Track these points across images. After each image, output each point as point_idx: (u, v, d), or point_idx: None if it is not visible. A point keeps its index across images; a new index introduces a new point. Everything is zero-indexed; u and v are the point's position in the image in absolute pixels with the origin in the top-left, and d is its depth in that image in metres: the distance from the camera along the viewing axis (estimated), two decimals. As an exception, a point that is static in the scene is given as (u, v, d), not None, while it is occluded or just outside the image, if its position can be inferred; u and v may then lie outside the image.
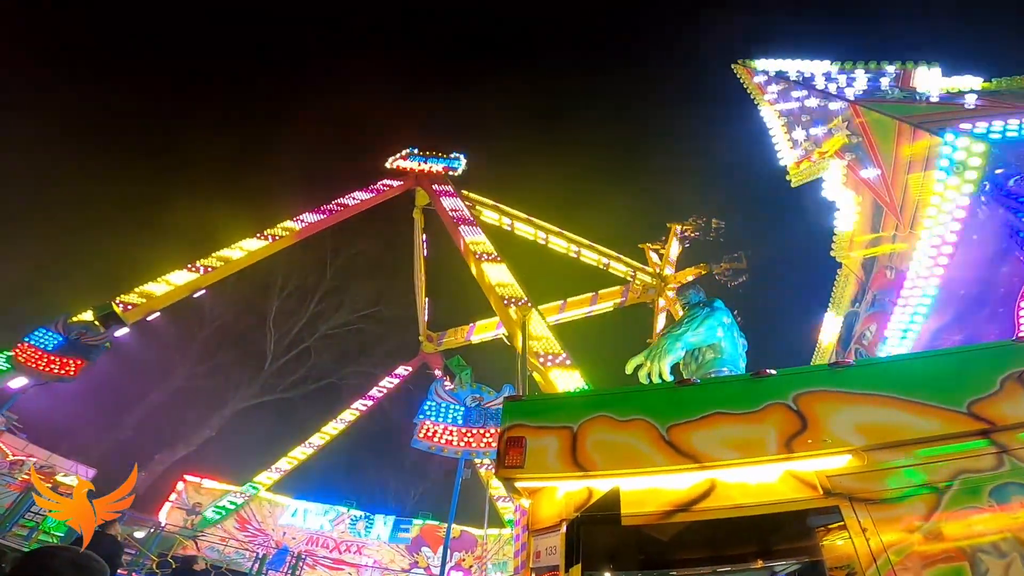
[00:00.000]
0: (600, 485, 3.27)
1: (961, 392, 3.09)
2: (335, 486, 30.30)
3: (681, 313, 5.74)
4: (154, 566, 12.94)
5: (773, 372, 3.57)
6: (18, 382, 14.63)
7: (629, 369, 5.14)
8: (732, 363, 5.13)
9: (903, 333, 9.43)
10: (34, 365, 13.22)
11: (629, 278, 30.60)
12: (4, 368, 15.72)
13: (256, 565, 13.11)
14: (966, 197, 7.80)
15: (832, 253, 13.75)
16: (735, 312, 6.04)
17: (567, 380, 17.21)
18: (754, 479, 3.19)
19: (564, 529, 3.15)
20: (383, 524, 26.97)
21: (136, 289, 20.27)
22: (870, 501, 2.88)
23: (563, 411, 3.64)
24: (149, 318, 20.24)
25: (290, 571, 15.37)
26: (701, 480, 3.22)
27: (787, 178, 12.76)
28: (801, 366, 3.72)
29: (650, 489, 3.23)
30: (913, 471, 2.94)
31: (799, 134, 12.70)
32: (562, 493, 3.37)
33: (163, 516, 25.40)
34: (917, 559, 2.63)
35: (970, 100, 9.92)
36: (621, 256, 31.12)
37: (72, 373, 13.35)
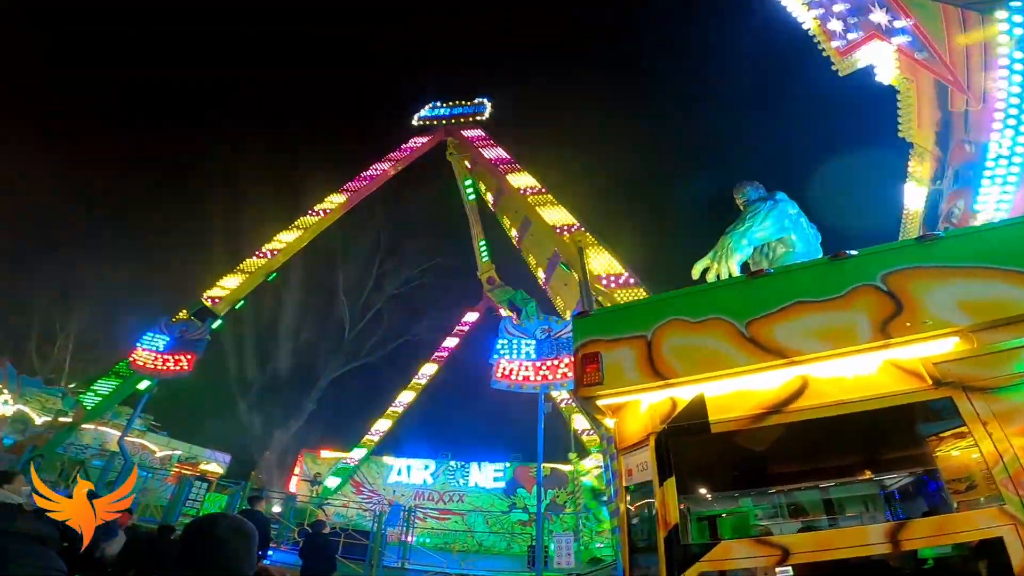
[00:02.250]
0: (683, 393, 3.15)
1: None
2: (430, 440, 32.72)
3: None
4: (295, 535, 14.62)
5: (854, 252, 3.20)
6: (143, 384, 16.64)
7: (695, 273, 4.88)
8: (807, 255, 4.72)
9: (996, 205, 8.61)
10: (152, 367, 14.79)
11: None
12: (127, 375, 17.85)
13: (375, 524, 14.56)
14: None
15: (900, 134, 12.64)
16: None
17: (634, 299, 16.99)
18: (850, 372, 2.91)
19: (653, 443, 3.11)
20: (478, 471, 28.85)
21: (217, 283, 21.98)
22: (986, 389, 2.54)
23: (634, 320, 3.49)
24: (236, 307, 22.01)
25: (404, 525, 17.00)
26: (791, 378, 2.98)
27: (833, 68, 11.75)
28: (884, 244, 3.29)
29: (737, 392, 3.06)
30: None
31: (836, 25, 11.57)
32: (646, 406, 3.29)
33: (292, 488, 28.83)
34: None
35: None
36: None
37: (187, 368, 14.80)
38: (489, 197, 29.11)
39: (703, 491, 3.89)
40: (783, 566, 2.51)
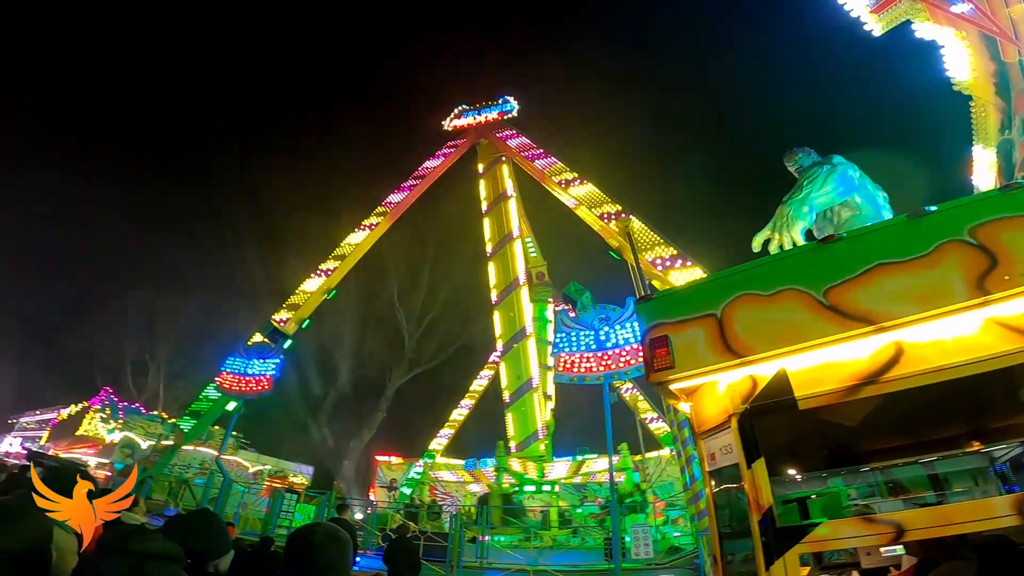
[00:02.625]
0: (763, 370, 3.00)
1: None
2: (493, 440, 33.13)
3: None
4: (379, 541, 15.27)
5: (933, 208, 2.95)
6: (230, 405, 17.97)
7: (756, 245, 4.65)
8: (876, 217, 4.38)
9: None
10: (236, 388, 15.90)
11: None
12: (216, 398, 19.33)
13: (452, 525, 14.89)
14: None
15: (956, 87, 11.83)
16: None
17: (689, 279, 16.47)
18: (949, 334, 2.69)
19: (735, 424, 2.99)
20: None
21: (283, 305, 23.33)
22: None
23: (700, 298, 3.36)
24: (303, 326, 23.27)
25: (479, 525, 17.29)
26: (883, 345, 2.78)
27: (866, 28, 11.19)
28: (964, 197, 3.00)
29: (823, 365, 2.88)
30: None
31: None
32: (723, 387, 3.17)
33: (372, 496, 30.10)
34: None
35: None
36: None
37: (267, 387, 15.80)
38: (483, 206, 29.32)
39: (791, 472, 3.72)
40: (896, 544, 2.36)
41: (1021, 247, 2.58)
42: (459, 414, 33.79)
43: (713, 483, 3.33)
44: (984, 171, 13.21)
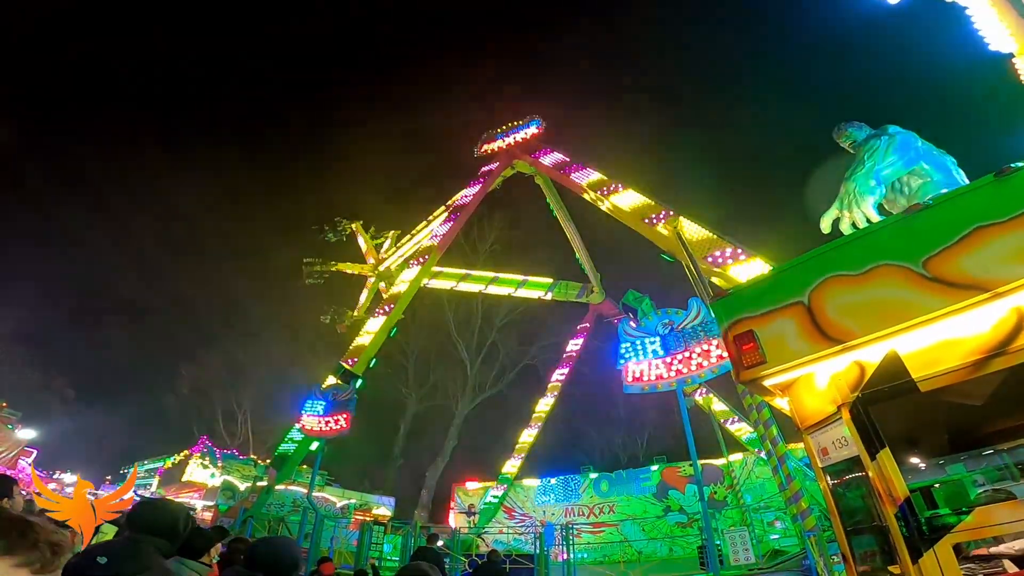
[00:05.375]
0: (868, 355, 2.84)
1: None
2: (568, 457, 32.62)
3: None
4: (466, 566, 15.37)
5: (1021, 164, 2.78)
6: (313, 446, 18.85)
7: (825, 227, 4.48)
8: (950, 183, 4.12)
9: None
10: (317, 429, 16.68)
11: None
12: (300, 439, 20.30)
13: (535, 545, 14.74)
14: None
15: (992, 47, 11.03)
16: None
17: (750, 272, 15.79)
18: None
19: (848, 415, 2.83)
20: (624, 479, 28.03)
21: (351, 346, 24.34)
22: None
23: (782, 287, 3.23)
24: (371, 365, 24.14)
25: (564, 543, 17.02)
26: (1005, 313, 2.58)
27: None
28: None
29: (939, 343, 2.69)
30: None
31: None
32: (825, 377, 3.02)
33: (451, 522, 30.37)
34: None
35: None
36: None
37: (345, 426, 16.47)
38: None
39: (912, 460, 3.48)
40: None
41: None
42: (529, 435, 33.64)
43: (829, 479, 3.15)
44: None
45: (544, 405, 33.77)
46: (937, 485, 3.44)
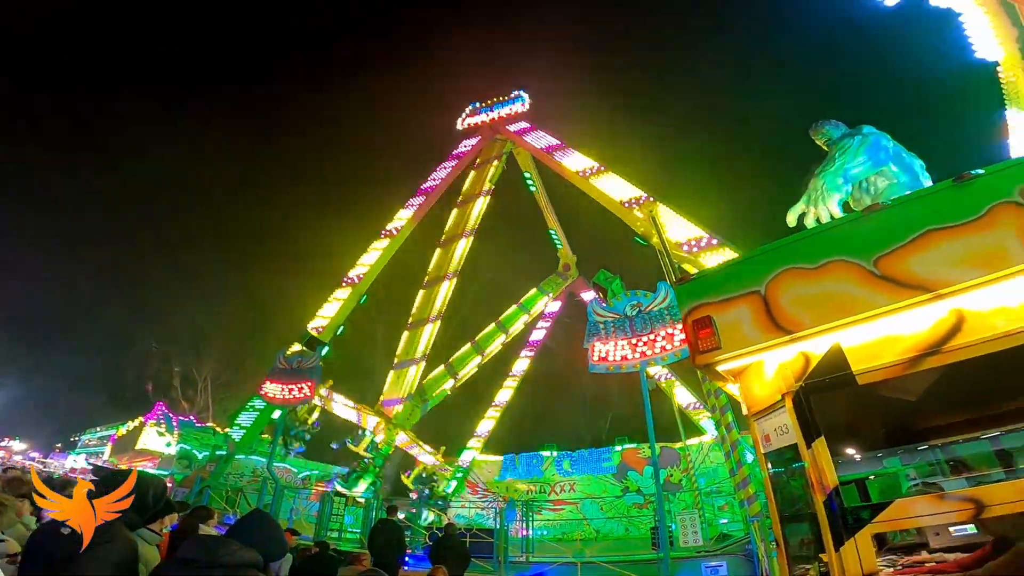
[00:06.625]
0: (815, 346, 2.91)
1: None
2: (533, 435, 33.07)
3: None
4: (426, 539, 15.56)
5: (980, 171, 2.87)
6: (276, 414, 18.59)
7: (791, 220, 4.57)
8: (915, 185, 4.25)
9: None
10: (280, 397, 16.30)
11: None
12: (261, 408, 20.00)
13: (497, 521, 15.00)
14: None
15: (978, 54, 11.35)
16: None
17: (720, 260, 16.09)
18: (1013, 299, 2.60)
19: (790, 403, 2.90)
20: (585, 459, 28.65)
21: (317, 313, 23.91)
22: None
23: (742, 276, 3.29)
24: (338, 333, 23.80)
25: (524, 520, 17.39)
26: (944, 314, 2.69)
27: None
28: (1011, 159, 2.87)
29: (880, 339, 2.79)
30: None
31: None
32: (774, 365, 3.08)
33: (413, 496, 30.60)
34: None
35: None
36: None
37: (309, 394, 16.20)
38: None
39: (849, 452, 3.61)
40: (972, 522, 2.26)
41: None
42: (495, 411, 34.00)
43: (769, 465, 3.25)
44: (1021, 134, 12.71)
45: (513, 378, 34.14)
46: (872, 477, 3.58)
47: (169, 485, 20.92)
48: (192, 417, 32.00)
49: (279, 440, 16.73)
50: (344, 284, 25.25)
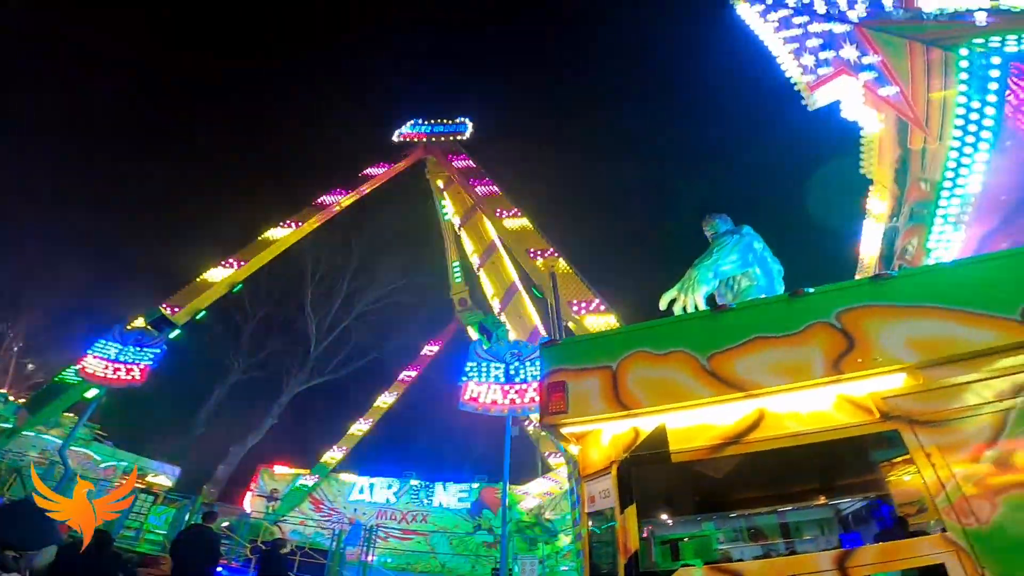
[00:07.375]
0: (645, 424, 3.25)
1: (1014, 298, 2.81)
2: (395, 459, 31.84)
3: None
4: (248, 552, 14.04)
5: (811, 290, 3.37)
6: (91, 393, 15.79)
7: (663, 304, 5.02)
8: (769, 289, 4.91)
9: (947, 244, 9.21)
10: (102, 375, 14.04)
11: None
12: (74, 381, 16.96)
13: (334, 542, 14.07)
14: (992, 107, 7.80)
15: (862, 171, 13.53)
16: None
17: (603, 326, 17.23)
18: (805, 406, 3.07)
19: (615, 471, 3.18)
20: (443, 491, 28.24)
21: (178, 292, 21.20)
22: (930, 423, 2.70)
23: (601, 350, 3.59)
24: (197, 317, 21.22)
25: (365, 545, 16.49)
26: (750, 411, 3.13)
27: (803, 103, 12.52)
28: (840, 282, 3.51)
29: (698, 425, 3.18)
30: (972, 388, 2.71)
31: (808, 59, 12.39)
32: (609, 435, 3.38)
33: (247, 504, 27.58)
34: (988, 486, 2.46)
35: (980, 18, 9.29)
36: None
37: (139, 378, 14.12)
38: (456, 220, 29.36)
39: (666, 516, 3.97)
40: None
41: (875, 334, 2.98)
42: (359, 429, 32.22)
43: (591, 524, 3.49)
44: (871, 250, 14.50)
45: (383, 402, 32.81)
46: (686, 539, 3.94)
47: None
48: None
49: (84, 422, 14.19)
50: (222, 266, 22.78)
